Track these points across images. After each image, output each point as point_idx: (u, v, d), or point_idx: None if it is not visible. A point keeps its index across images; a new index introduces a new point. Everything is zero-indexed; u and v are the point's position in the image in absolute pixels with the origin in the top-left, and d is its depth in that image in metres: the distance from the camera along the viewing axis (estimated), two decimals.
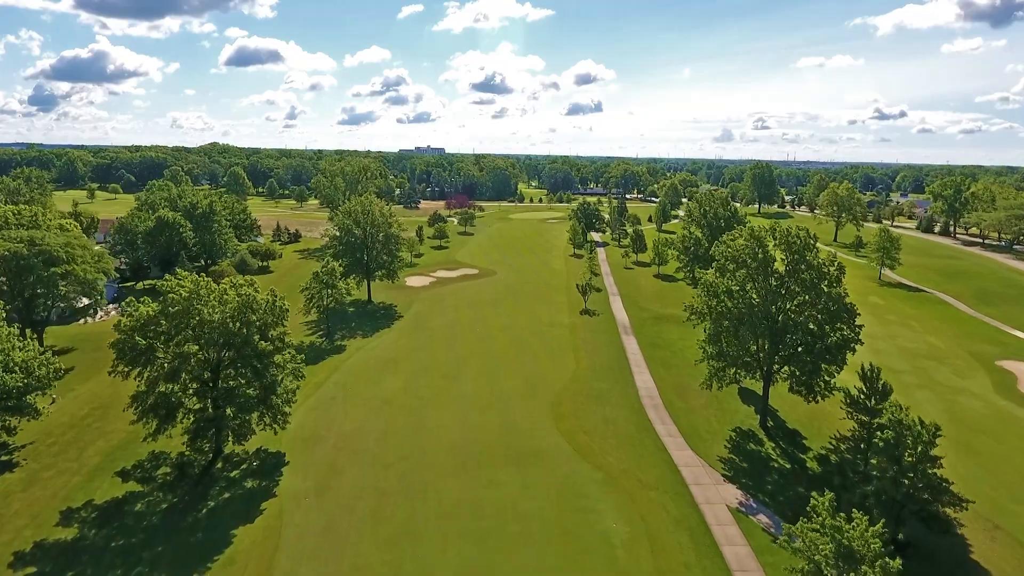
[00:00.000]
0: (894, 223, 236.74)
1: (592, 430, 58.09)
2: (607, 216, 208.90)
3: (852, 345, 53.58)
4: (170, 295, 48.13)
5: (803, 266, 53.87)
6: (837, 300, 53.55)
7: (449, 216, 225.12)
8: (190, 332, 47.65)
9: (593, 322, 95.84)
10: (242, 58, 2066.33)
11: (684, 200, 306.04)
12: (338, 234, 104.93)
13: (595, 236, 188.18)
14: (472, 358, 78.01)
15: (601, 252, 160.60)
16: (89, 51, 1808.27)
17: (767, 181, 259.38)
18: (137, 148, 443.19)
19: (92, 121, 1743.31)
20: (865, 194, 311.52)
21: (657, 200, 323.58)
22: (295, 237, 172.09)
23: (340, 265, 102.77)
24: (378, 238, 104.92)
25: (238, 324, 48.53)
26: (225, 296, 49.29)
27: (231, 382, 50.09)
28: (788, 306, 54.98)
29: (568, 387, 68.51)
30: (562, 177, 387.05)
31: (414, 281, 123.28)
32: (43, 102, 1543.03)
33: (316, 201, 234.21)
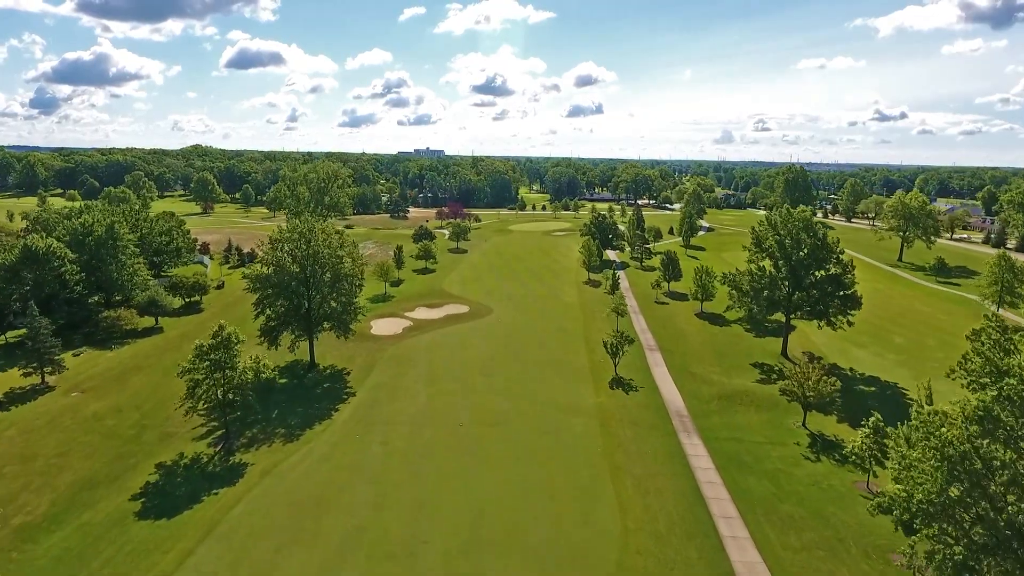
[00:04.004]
0: (953, 236, 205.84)
1: None
2: (623, 228, 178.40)
3: None
4: None
5: None
6: None
7: (439, 228, 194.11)
8: None
9: (632, 406, 64.83)
10: (243, 60, 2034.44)
11: (705, 207, 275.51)
12: (267, 272, 73.50)
13: (611, 254, 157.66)
14: (445, 502, 46.96)
15: (622, 277, 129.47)
16: (91, 54, 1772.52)
17: (802, 187, 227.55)
18: (109, 151, 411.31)
19: (93, 124, 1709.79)
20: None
21: (672, 208, 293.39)
22: (248, 258, 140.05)
23: (267, 315, 72.47)
24: (324, 279, 73.82)
25: None
26: None
27: None
28: None
29: None
30: (567, 181, 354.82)
31: (382, 327, 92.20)
32: (44, 105, 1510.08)
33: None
